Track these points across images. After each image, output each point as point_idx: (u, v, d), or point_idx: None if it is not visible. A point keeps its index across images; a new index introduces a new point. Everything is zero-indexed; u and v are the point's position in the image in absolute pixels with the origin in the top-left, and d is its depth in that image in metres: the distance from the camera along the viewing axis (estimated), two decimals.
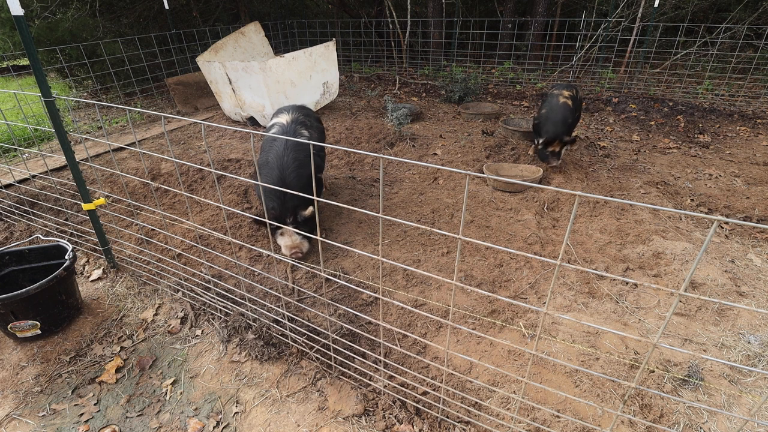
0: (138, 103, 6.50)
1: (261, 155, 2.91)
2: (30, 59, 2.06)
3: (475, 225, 3.19)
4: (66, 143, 2.32)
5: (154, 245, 3.04)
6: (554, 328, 2.24)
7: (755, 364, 2.02)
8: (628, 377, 1.96)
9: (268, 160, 2.73)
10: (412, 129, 5.04)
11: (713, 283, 2.52)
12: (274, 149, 2.74)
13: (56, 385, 2.06)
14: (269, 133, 2.94)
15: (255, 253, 2.93)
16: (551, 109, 3.89)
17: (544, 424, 1.76)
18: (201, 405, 1.93)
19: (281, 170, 2.68)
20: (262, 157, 2.87)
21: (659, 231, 3.01)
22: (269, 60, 4.60)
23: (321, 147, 3.08)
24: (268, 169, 2.71)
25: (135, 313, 2.49)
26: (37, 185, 3.85)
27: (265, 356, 2.11)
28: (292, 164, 2.69)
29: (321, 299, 2.45)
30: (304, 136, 2.93)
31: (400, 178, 3.96)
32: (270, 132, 2.96)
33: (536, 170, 3.77)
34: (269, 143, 2.83)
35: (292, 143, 2.71)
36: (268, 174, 2.71)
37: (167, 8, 6.39)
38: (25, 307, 2.14)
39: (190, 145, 4.96)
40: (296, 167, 2.70)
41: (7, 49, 6.34)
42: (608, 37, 7.08)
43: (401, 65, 8.41)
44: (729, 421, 1.77)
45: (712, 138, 4.90)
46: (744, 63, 6.74)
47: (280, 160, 2.70)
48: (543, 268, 2.71)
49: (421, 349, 2.16)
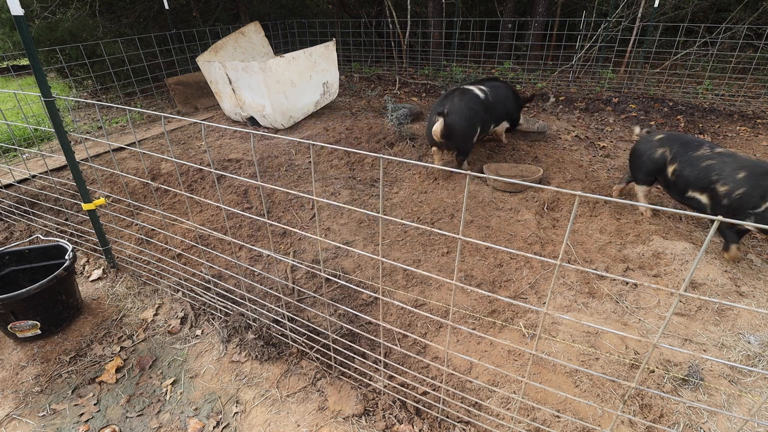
0: (138, 103, 6.50)
1: (499, 89, 4.15)
2: (30, 59, 2.06)
3: (475, 225, 3.19)
4: (66, 143, 2.32)
5: (154, 245, 3.04)
6: (554, 328, 2.24)
7: (755, 364, 2.02)
8: (628, 377, 1.96)
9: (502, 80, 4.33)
10: (412, 129, 5.04)
11: (713, 283, 2.52)
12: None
13: (56, 385, 2.06)
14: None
15: (255, 253, 2.93)
16: None
17: (544, 424, 1.76)
18: (201, 405, 1.93)
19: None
20: (499, 86, 4.21)
21: (659, 231, 3.01)
22: (269, 60, 4.60)
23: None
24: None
25: (135, 313, 2.49)
26: (37, 185, 3.85)
27: (265, 356, 2.11)
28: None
29: (321, 299, 2.45)
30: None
31: (400, 178, 3.96)
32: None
33: (536, 170, 3.77)
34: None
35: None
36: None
37: (167, 8, 6.39)
38: (25, 307, 2.14)
39: (190, 145, 4.96)
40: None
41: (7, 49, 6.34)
42: (608, 37, 7.07)
43: (401, 65, 8.41)
44: (729, 421, 1.77)
45: (712, 138, 4.90)
46: (744, 63, 6.74)
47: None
48: (543, 268, 2.71)
49: (421, 349, 2.16)
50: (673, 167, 2.87)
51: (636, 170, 3.21)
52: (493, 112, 4.11)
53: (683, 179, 2.80)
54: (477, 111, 3.89)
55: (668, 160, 2.92)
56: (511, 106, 4.29)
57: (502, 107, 4.19)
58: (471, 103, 3.87)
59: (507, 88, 4.30)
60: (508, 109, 4.28)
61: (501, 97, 4.18)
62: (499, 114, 4.21)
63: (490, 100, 4.05)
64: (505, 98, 4.22)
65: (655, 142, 3.04)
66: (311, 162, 1.80)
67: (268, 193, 3.67)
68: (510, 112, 4.33)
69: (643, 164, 3.10)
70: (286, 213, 3.43)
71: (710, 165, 2.66)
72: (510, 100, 4.27)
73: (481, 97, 3.97)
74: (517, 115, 4.43)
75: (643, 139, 3.17)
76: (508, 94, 4.26)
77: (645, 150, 3.09)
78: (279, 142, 4.72)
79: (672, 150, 2.91)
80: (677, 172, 2.84)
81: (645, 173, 3.12)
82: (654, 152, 3.01)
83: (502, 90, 4.22)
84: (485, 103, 3.99)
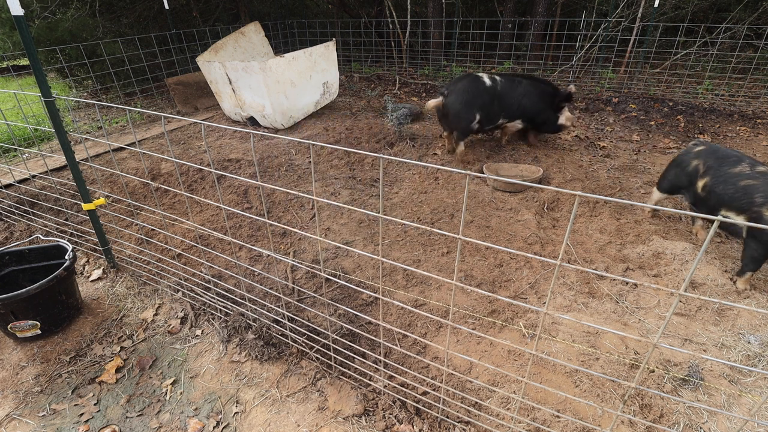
0: (138, 103, 6.50)
1: (520, 85, 4.07)
2: (30, 59, 2.06)
3: (475, 225, 3.19)
4: (66, 143, 2.32)
5: (154, 245, 3.04)
6: (554, 328, 2.24)
7: (755, 364, 2.02)
8: (628, 377, 1.96)
9: (532, 78, 4.24)
10: (412, 129, 5.04)
11: (713, 283, 2.52)
12: (521, 76, 4.20)
13: (56, 385, 2.06)
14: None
15: (255, 253, 2.93)
16: None
17: (544, 424, 1.76)
18: (201, 405, 1.93)
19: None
20: (523, 82, 4.10)
21: (659, 231, 3.01)
22: (269, 60, 4.60)
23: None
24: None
25: (135, 313, 2.49)
26: (37, 185, 3.85)
27: (265, 356, 2.11)
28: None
29: (321, 299, 2.45)
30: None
31: (400, 178, 3.96)
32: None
33: (536, 170, 3.77)
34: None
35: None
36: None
37: (167, 8, 6.39)
38: (25, 307, 2.14)
39: (190, 145, 4.96)
40: None
41: (7, 49, 6.34)
42: (608, 37, 7.07)
43: (401, 65, 8.41)
44: (729, 421, 1.77)
45: (712, 138, 4.90)
46: (744, 63, 6.74)
47: (530, 75, 4.21)
48: (543, 268, 2.71)
49: (421, 349, 2.16)
50: (704, 182, 2.65)
51: (664, 174, 3.03)
52: (504, 105, 4.00)
53: (715, 196, 2.56)
54: (477, 96, 3.91)
55: (700, 173, 2.70)
56: (531, 104, 4.06)
57: (516, 103, 4.03)
58: (473, 87, 3.93)
59: (532, 86, 4.07)
60: (525, 107, 4.07)
61: (518, 92, 4.01)
62: (512, 109, 4.06)
63: (499, 90, 3.96)
64: (522, 95, 4.02)
65: (693, 153, 2.83)
66: (311, 162, 1.80)
67: (268, 193, 3.67)
68: (528, 111, 4.10)
69: (675, 175, 2.91)
70: (286, 213, 3.43)
71: (751, 186, 2.41)
72: (530, 98, 4.05)
73: (488, 84, 3.93)
74: (544, 116, 4.16)
75: (686, 149, 2.97)
76: (529, 91, 4.04)
77: (682, 160, 2.89)
78: (279, 142, 4.72)
79: (706, 163, 2.69)
80: (708, 187, 2.61)
81: (670, 181, 2.95)
82: (688, 163, 2.81)
83: (523, 87, 4.03)
84: (491, 91, 3.94)
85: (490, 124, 4.16)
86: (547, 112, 4.15)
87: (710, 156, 2.71)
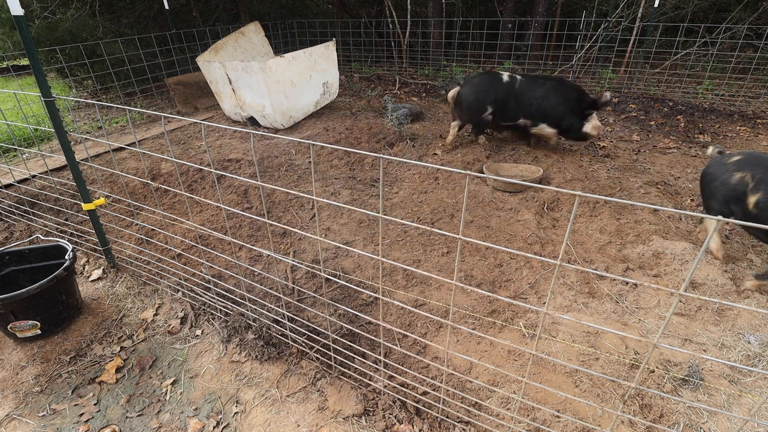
0: (138, 103, 6.50)
1: (543, 86, 4.02)
2: (30, 59, 2.06)
3: (475, 225, 3.19)
4: (66, 143, 2.32)
5: (154, 245, 3.04)
6: (554, 328, 2.24)
7: (755, 364, 2.02)
8: (628, 377, 1.96)
9: (558, 80, 4.07)
10: (412, 129, 5.04)
11: (713, 283, 2.52)
12: (549, 77, 4.14)
13: (56, 385, 2.06)
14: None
15: (255, 253, 2.93)
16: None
17: (544, 424, 1.76)
18: (201, 405, 1.93)
19: (566, 80, 4.13)
20: (546, 84, 4.02)
21: (659, 231, 3.01)
22: (269, 60, 4.60)
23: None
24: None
25: (135, 313, 2.49)
26: (37, 185, 3.85)
27: (265, 356, 2.11)
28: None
29: (321, 299, 2.45)
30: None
31: (400, 178, 3.96)
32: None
33: (536, 170, 3.77)
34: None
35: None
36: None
37: (167, 8, 6.39)
38: (25, 307, 2.14)
39: (190, 145, 4.96)
40: None
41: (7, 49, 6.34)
42: (608, 37, 7.07)
43: (401, 65, 8.41)
44: (729, 421, 1.77)
45: (712, 138, 4.90)
46: (744, 63, 6.74)
47: (559, 77, 4.12)
48: (543, 268, 2.71)
49: (421, 349, 2.16)
50: (757, 197, 2.29)
51: (708, 198, 2.64)
52: (522, 104, 3.99)
53: None
54: (491, 90, 3.99)
55: (750, 187, 2.35)
56: (551, 107, 3.95)
57: (536, 104, 3.97)
58: (487, 81, 4.03)
59: (555, 89, 3.95)
60: (545, 110, 3.98)
61: (538, 93, 3.94)
62: (530, 109, 4.01)
63: (517, 89, 3.95)
64: (543, 96, 3.94)
65: (731, 164, 2.50)
66: (311, 162, 1.80)
67: (268, 193, 3.67)
68: (549, 114, 4.00)
69: (717, 191, 2.54)
70: (286, 213, 3.43)
71: None
72: (551, 100, 3.93)
73: (505, 80, 3.97)
74: (567, 122, 4.00)
75: (715, 161, 2.64)
76: (551, 94, 3.93)
77: (718, 174, 2.54)
78: (279, 142, 4.72)
79: (755, 175, 2.33)
80: (762, 203, 2.26)
81: (720, 202, 2.54)
82: (730, 177, 2.46)
83: (545, 88, 3.94)
84: (508, 88, 3.96)
85: (507, 121, 4.18)
86: (571, 118, 3.97)
87: (758, 166, 2.37)
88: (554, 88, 3.97)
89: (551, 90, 3.96)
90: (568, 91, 3.99)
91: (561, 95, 3.95)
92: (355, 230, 3.16)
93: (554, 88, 3.97)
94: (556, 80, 4.04)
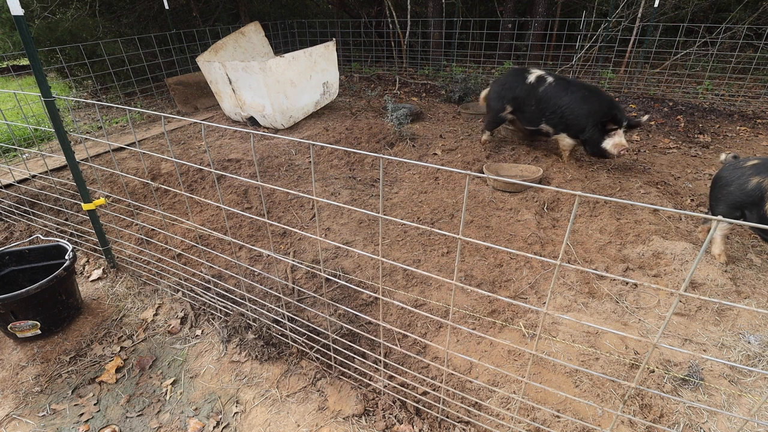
0: (138, 103, 6.50)
1: (572, 93, 3.73)
2: (30, 59, 2.06)
3: (475, 225, 3.19)
4: (66, 143, 2.32)
5: (154, 245, 3.04)
6: (554, 328, 2.24)
7: (755, 364, 2.02)
8: (628, 377, 1.96)
9: (590, 90, 3.74)
10: (412, 129, 5.04)
11: (713, 283, 2.52)
12: (583, 84, 3.80)
13: (56, 385, 2.06)
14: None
15: (255, 253, 2.93)
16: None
17: (544, 424, 1.76)
18: (201, 405, 1.93)
19: (601, 92, 3.73)
20: (576, 92, 3.73)
21: (659, 231, 3.01)
22: (269, 60, 4.60)
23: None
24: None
25: (135, 313, 2.49)
26: (37, 185, 3.85)
27: (265, 356, 2.11)
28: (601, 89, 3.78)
29: (321, 299, 2.45)
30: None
31: (400, 178, 3.96)
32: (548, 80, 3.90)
33: (536, 170, 3.77)
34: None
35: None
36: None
37: (167, 8, 6.39)
38: (25, 307, 2.14)
39: (190, 145, 4.96)
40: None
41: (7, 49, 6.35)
42: (608, 37, 7.07)
43: (401, 65, 8.41)
44: (729, 421, 1.77)
45: (712, 138, 4.90)
46: (744, 63, 6.74)
47: (593, 87, 3.73)
48: (543, 268, 2.71)
49: (421, 349, 2.16)
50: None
51: (717, 202, 2.59)
52: (543, 109, 3.82)
53: None
54: (510, 89, 3.98)
55: (767, 192, 2.31)
56: (572, 118, 3.69)
57: (558, 112, 3.74)
58: (510, 79, 4.03)
59: (581, 99, 3.64)
60: (567, 120, 3.73)
61: (562, 101, 3.69)
62: (553, 117, 3.81)
63: (540, 92, 3.79)
64: (566, 105, 3.68)
65: (748, 168, 2.43)
66: (311, 162, 1.80)
67: (268, 193, 3.67)
68: (569, 125, 3.76)
69: (730, 195, 2.48)
70: (286, 213, 3.43)
71: None
72: (573, 111, 3.66)
73: (528, 81, 3.89)
74: (586, 135, 3.71)
75: (729, 165, 2.57)
76: (574, 104, 3.66)
77: (733, 178, 2.48)
78: (279, 142, 4.72)
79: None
80: None
81: (729, 207, 2.50)
82: (746, 182, 2.39)
83: (570, 97, 3.67)
84: (530, 89, 3.86)
85: (529, 124, 4.04)
86: (591, 131, 3.66)
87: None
88: (582, 99, 3.65)
89: (577, 100, 3.66)
90: (595, 103, 3.64)
91: (586, 107, 3.64)
92: (355, 230, 3.16)
93: (583, 98, 3.65)
94: (588, 89, 3.70)
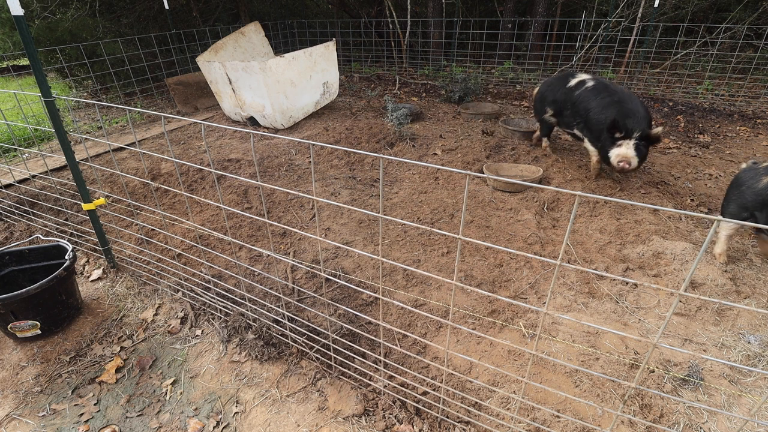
0: (138, 103, 6.50)
1: (601, 98, 3.49)
2: (30, 59, 2.06)
3: (475, 225, 3.19)
4: (66, 143, 2.32)
5: (154, 245, 3.04)
6: (554, 328, 2.24)
7: (755, 364, 2.02)
8: (628, 377, 1.96)
9: (620, 97, 3.44)
10: (412, 129, 5.04)
11: (713, 283, 2.52)
12: (618, 91, 3.51)
13: (56, 385, 2.06)
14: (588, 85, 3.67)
15: (255, 253, 2.93)
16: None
17: (544, 424, 1.76)
18: (201, 405, 1.93)
19: (630, 100, 3.38)
20: (605, 98, 3.47)
21: (659, 231, 3.01)
22: (269, 60, 4.60)
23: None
24: (621, 99, 3.41)
25: (135, 313, 2.49)
26: (37, 185, 3.85)
27: (265, 356, 2.11)
28: (635, 98, 3.43)
29: (321, 299, 2.45)
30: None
31: (400, 178, 3.96)
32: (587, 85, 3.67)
33: (536, 170, 3.77)
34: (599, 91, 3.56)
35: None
36: (623, 101, 3.38)
37: (167, 8, 6.39)
38: (25, 307, 2.14)
39: (190, 145, 4.96)
40: (640, 101, 3.40)
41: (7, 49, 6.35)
42: (608, 37, 7.07)
43: (401, 65, 8.41)
44: (729, 421, 1.77)
45: (712, 138, 4.90)
46: (744, 63, 6.74)
47: (625, 94, 3.44)
48: (543, 268, 2.71)
49: (421, 349, 2.16)
50: None
51: (729, 202, 2.57)
52: (574, 113, 3.67)
53: None
54: (550, 92, 3.98)
55: None
56: (592, 126, 3.51)
57: (583, 119, 3.58)
58: (553, 82, 4.04)
59: (610, 104, 3.38)
60: (588, 122, 3.53)
61: (592, 104, 3.50)
62: (580, 123, 3.65)
63: (574, 97, 3.64)
64: (591, 110, 3.50)
65: (762, 169, 2.41)
66: (311, 162, 1.80)
67: (268, 193, 3.67)
68: (591, 128, 3.53)
69: (740, 195, 2.45)
70: (286, 213, 3.43)
71: None
72: (593, 114, 3.48)
73: (569, 85, 3.78)
74: (599, 143, 3.49)
75: (747, 168, 2.56)
76: (596, 108, 3.46)
77: (746, 179, 2.46)
78: (279, 142, 4.72)
79: None
80: None
81: (739, 207, 2.47)
82: (757, 182, 2.37)
83: (598, 102, 3.46)
84: (568, 93, 3.75)
85: (567, 128, 3.93)
86: (603, 140, 3.43)
87: None
88: (605, 105, 3.43)
89: (602, 106, 3.45)
90: (617, 110, 3.34)
91: (607, 113, 3.40)
92: (355, 230, 3.16)
93: (606, 104, 3.43)
94: (617, 96, 3.43)
